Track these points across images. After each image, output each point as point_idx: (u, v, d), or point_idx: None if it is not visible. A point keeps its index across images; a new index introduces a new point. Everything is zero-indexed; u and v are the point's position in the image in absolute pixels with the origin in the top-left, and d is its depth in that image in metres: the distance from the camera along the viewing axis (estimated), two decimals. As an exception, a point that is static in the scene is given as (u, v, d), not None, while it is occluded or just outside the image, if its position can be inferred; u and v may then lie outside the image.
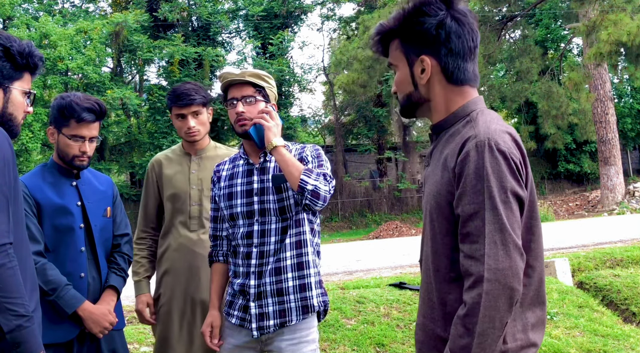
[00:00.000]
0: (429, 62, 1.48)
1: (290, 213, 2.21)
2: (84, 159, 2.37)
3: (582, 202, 19.78)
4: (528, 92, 16.33)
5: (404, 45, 1.52)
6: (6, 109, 1.77)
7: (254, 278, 2.20)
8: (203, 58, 18.95)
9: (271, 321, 2.18)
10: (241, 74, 2.24)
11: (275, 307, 2.18)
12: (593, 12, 14.05)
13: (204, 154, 2.89)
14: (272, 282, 2.18)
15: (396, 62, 1.56)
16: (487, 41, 15.36)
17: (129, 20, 17.83)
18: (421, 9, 1.47)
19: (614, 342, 4.50)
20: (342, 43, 19.22)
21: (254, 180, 2.25)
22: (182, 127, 2.79)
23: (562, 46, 21.19)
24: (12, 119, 1.80)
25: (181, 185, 2.81)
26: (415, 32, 1.48)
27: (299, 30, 27.84)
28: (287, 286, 2.18)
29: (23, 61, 1.79)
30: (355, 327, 4.53)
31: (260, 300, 2.19)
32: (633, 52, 12.03)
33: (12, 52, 1.76)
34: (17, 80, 1.80)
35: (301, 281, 2.20)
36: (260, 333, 2.18)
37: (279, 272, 2.18)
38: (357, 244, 12.73)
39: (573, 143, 22.27)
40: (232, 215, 2.27)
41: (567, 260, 6.15)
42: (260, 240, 2.20)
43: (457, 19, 1.46)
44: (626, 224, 10.79)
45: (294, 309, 2.19)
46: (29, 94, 1.85)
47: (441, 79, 1.50)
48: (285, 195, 2.20)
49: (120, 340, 2.47)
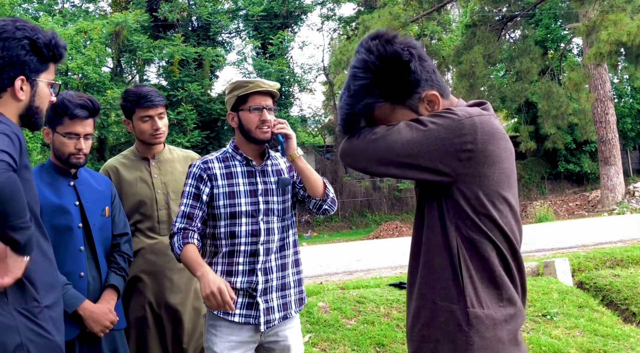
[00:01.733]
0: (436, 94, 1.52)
1: (289, 214, 2.44)
2: (80, 156, 2.37)
3: (582, 202, 19.78)
4: (528, 92, 16.32)
5: (397, 103, 1.53)
6: (33, 103, 1.75)
7: (261, 275, 2.31)
8: (203, 58, 18.95)
9: (276, 314, 2.34)
10: (274, 85, 2.39)
11: (279, 301, 2.36)
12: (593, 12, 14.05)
13: (162, 157, 2.86)
14: (278, 277, 2.37)
15: (401, 117, 1.54)
16: (487, 41, 15.35)
17: (129, 20, 17.83)
18: (392, 69, 1.49)
19: (614, 342, 4.50)
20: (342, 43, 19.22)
21: (257, 181, 2.38)
22: (148, 129, 2.73)
23: (562, 46, 21.18)
24: (39, 112, 1.78)
25: (145, 191, 2.76)
26: (398, 88, 1.50)
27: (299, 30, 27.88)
28: (289, 281, 2.41)
29: (49, 53, 1.75)
30: (355, 327, 4.53)
31: (266, 295, 2.33)
32: (633, 52, 12.03)
33: (38, 45, 1.71)
34: (44, 72, 1.77)
35: (298, 276, 2.47)
36: (267, 327, 2.31)
37: (284, 268, 2.39)
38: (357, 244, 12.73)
39: (573, 143, 22.26)
40: (234, 213, 2.31)
41: (567, 260, 6.15)
42: (266, 238, 2.33)
43: (411, 54, 1.49)
44: (626, 224, 10.79)
45: (294, 302, 2.43)
46: (52, 84, 1.81)
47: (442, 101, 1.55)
48: (287, 198, 2.43)
49: (121, 340, 2.46)
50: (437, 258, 1.46)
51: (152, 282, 2.71)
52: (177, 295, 2.72)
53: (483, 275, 1.43)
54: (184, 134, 17.61)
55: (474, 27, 15.84)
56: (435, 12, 15.76)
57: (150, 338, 2.70)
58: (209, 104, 18.72)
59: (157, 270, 2.71)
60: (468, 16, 17.28)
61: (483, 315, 1.40)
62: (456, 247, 1.44)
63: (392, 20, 14.05)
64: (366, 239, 15.43)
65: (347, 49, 15.54)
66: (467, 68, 14.77)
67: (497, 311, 1.42)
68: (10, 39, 1.67)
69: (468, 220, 1.43)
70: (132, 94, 2.74)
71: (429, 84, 1.51)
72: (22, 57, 1.68)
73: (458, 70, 15.56)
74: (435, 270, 1.47)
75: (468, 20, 17.00)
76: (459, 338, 1.41)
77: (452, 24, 22.33)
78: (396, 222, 17.75)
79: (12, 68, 1.68)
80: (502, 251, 1.44)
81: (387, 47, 1.48)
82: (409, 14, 15.12)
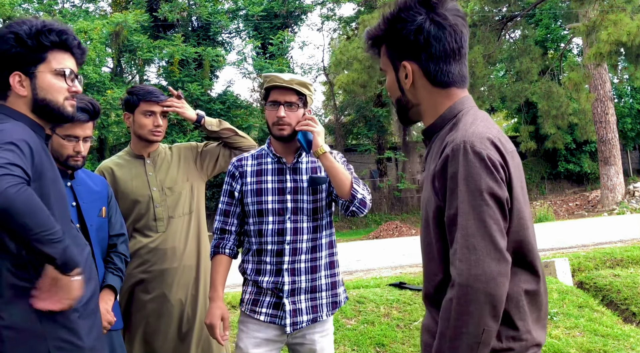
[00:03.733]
0: (409, 68, 1.48)
1: (322, 214, 2.34)
2: (78, 159, 2.36)
3: (582, 202, 19.78)
4: (528, 92, 16.32)
5: (389, 51, 1.53)
6: (37, 95, 1.72)
7: (287, 275, 2.28)
8: (203, 58, 18.95)
9: (304, 317, 2.29)
10: (289, 81, 2.31)
11: (308, 303, 2.30)
12: (593, 12, 14.05)
13: (157, 156, 2.86)
14: (308, 279, 2.30)
15: (385, 68, 1.57)
16: (487, 41, 15.36)
17: (129, 20, 17.83)
18: (400, 15, 1.46)
19: (614, 342, 4.49)
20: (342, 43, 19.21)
21: (287, 179, 2.33)
22: (148, 124, 2.74)
23: (562, 46, 21.19)
24: (48, 103, 1.73)
25: (140, 189, 2.76)
26: (396, 39, 1.48)
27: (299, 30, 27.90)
28: (320, 284, 2.32)
29: (34, 42, 1.70)
30: (355, 327, 4.53)
31: (294, 297, 2.28)
32: (633, 52, 12.03)
33: (20, 37, 1.69)
34: (42, 63, 1.73)
35: (332, 279, 2.37)
36: (293, 329, 2.27)
37: (315, 270, 2.31)
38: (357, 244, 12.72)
39: (573, 143, 22.26)
40: (261, 210, 2.31)
41: (567, 260, 6.14)
42: (293, 238, 2.29)
43: (436, 22, 1.43)
44: (626, 224, 10.78)
45: (325, 305, 2.33)
46: (63, 73, 1.76)
47: (425, 83, 1.49)
48: (320, 197, 2.33)
49: (118, 340, 2.46)
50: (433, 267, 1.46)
51: (153, 280, 2.71)
52: (179, 292, 2.72)
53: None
54: (184, 133, 17.61)
55: (474, 27, 15.83)
56: (435, 12, 15.73)
57: (156, 337, 2.70)
58: (209, 103, 18.72)
59: (157, 268, 2.71)
60: (468, 16, 17.27)
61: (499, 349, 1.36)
62: None
63: (392, 20, 14.03)
64: (366, 239, 15.42)
65: (347, 49, 15.55)
66: (467, 68, 14.76)
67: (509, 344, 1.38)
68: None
69: None
70: (139, 88, 2.78)
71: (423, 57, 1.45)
72: (9, 52, 1.68)
73: (458, 70, 15.52)
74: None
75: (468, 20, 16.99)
76: None
77: (452, 24, 22.31)
78: (396, 222, 17.74)
79: (4, 65, 1.69)
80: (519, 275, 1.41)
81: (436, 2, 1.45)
82: (409, 14, 15.09)
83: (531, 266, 1.41)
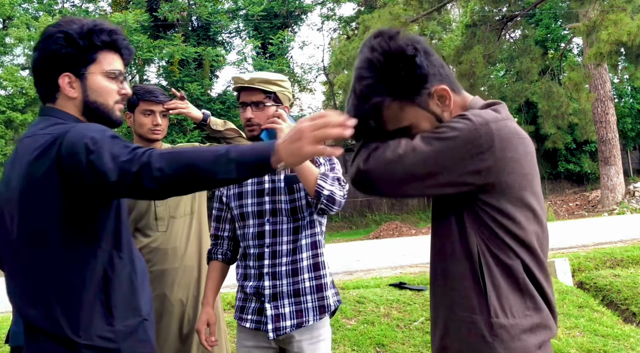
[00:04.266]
0: (445, 88, 1.45)
1: (302, 214, 2.23)
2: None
3: (582, 202, 19.77)
4: (528, 92, 16.32)
5: (405, 101, 1.44)
6: (87, 98, 1.64)
7: (268, 279, 2.20)
8: (203, 58, 18.95)
9: (288, 322, 2.19)
10: (250, 80, 2.25)
11: (292, 308, 2.20)
12: (593, 12, 14.04)
13: None
14: (289, 283, 2.20)
15: (413, 120, 1.46)
16: (487, 41, 15.35)
17: (128, 20, 17.82)
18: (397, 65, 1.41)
19: (614, 342, 4.49)
20: (342, 43, 19.22)
21: (265, 180, 2.27)
22: (147, 123, 2.75)
23: (562, 46, 21.17)
24: (99, 107, 1.65)
25: None
26: (405, 84, 1.42)
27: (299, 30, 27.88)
28: (303, 287, 2.21)
29: (85, 42, 1.62)
30: (355, 327, 4.53)
31: (276, 301, 2.20)
32: (633, 52, 12.03)
33: (71, 36, 1.60)
34: (92, 64, 1.64)
35: (317, 281, 2.24)
36: (276, 335, 2.19)
37: (296, 273, 2.21)
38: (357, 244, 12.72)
39: (573, 143, 22.25)
40: (243, 214, 2.28)
41: (567, 260, 6.15)
42: (272, 240, 2.22)
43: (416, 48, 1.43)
44: (626, 224, 10.78)
45: (311, 309, 2.21)
46: (114, 74, 1.68)
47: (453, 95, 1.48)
48: (298, 196, 2.22)
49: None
50: (457, 267, 1.40)
51: (153, 279, 2.70)
52: (179, 292, 2.72)
53: (508, 282, 1.36)
54: (183, 133, 17.61)
55: (474, 27, 15.83)
56: (436, 12, 15.75)
57: (156, 337, 2.70)
58: (209, 103, 18.71)
59: (157, 268, 2.71)
60: (468, 16, 17.26)
61: (508, 325, 1.33)
62: (477, 254, 1.37)
63: (392, 20, 14.05)
64: (366, 239, 15.42)
65: (347, 49, 15.55)
66: (467, 68, 14.76)
67: (523, 320, 1.34)
68: (47, 38, 1.61)
69: (489, 229, 1.36)
70: (140, 87, 2.79)
71: (437, 78, 1.43)
72: (59, 52, 1.59)
73: (458, 70, 15.55)
74: (455, 279, 1.40)
75: (468, 20, 16.99)
76: (483, 350, 1.34)
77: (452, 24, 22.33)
78: (396, 222, 17.74)
79: (54, 66, 1.61)
80: (524, 261, 1.37)
81: (390, 43, 1.41)
82: (409, 14, 15.12)
83: None
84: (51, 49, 1.60)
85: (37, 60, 1.63)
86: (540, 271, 1.41)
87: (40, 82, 1.65)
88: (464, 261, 1.39)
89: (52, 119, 1.60)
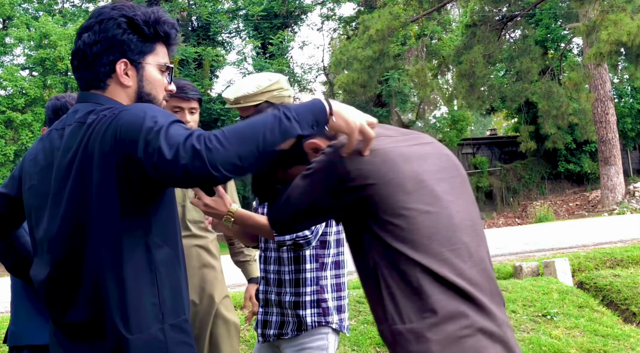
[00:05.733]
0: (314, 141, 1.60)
1: None
2: None
3: (582, 202, 19.78)
4: (528, 92, 16.31)
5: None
6: (143, 88, 1.55)
7: (262, 284, 2.22)
8: (203, 58, 18.95)
9: (271, 330, 2.16)
10: (235, 100, 2.25)
11: (277, 318, 2.16)
12: (593, 12, 14.04)
13: None
14: (275, 292, 2.16)
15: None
16: (487, 41, 15.34)
17: (128, 20, 17.84)
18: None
19: (614, 342, 4.49)
20: (342, 43, 19.22)
21: None
22: None
23: (562, 46, 21.16)
24: (152, 99, 1.56)
25: None
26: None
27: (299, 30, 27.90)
28: (284, 300, 2.13)
29: (150, 31, 1.54)
30: (355, 327, 4.53)
31: (266, 307, 2.20)
32: (633, 52, 12.02)
33: (136, 22, 1.51)
34: (150, 54, 1.55)
35: (296, 298, 2.11)
36: (263, 340, 2.18)
37: (280, 284, 2.14)
38: (357, 244, 12.72)
39: (573, 143, 22.24)
40: None
41: (567, 260, 6.15)
42: (265, 245, 2.22)
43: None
44: (626, 224, 10.78)
45: (291, 323, 2.12)
46: (166, 68, 1.60)
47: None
48: None
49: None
50: (366, 283, 1.48)
51: None
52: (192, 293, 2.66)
53: (401, 288, 1.38)
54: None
55: (474, 27, 15.83)
56: (435, 12, 15.75)
57: None
58: (209, 103, 18.71)
59: None
60: (468, 16, 17.26)
61: (405, 330, 1.36)
62: (374, 268, 1.42)
63: (392, 20, 14.05)
64: (366, 239, 15.41)
65: (347, 49, 15.54)
66: (467, 68, 14.76)
67: (421, 323, 1.35)
68: (106, 20, 1.51)
69: (380, 241, 1.40)
70: None
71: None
72: (120, 37, 1.50)
73: (458, 70, 15.56)
74: (369, 295, 1.47)
75: (468, 20, 16.99)
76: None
77: (452, 24, 22.32)
78: (396, 222, 17.72)
79: (112, 50, 1.51)
80: (419, 262, 1.37)
81: None
82: (409, 14, 15.12)
83: None
84: (111, 33, 1.50)
85: (90, 43, 1.51)
86: (443, 265, 1.38)
87: (89, 66, 1.53)
88: (369, 277, 1.46)
89: (98, 105, 1.49)
